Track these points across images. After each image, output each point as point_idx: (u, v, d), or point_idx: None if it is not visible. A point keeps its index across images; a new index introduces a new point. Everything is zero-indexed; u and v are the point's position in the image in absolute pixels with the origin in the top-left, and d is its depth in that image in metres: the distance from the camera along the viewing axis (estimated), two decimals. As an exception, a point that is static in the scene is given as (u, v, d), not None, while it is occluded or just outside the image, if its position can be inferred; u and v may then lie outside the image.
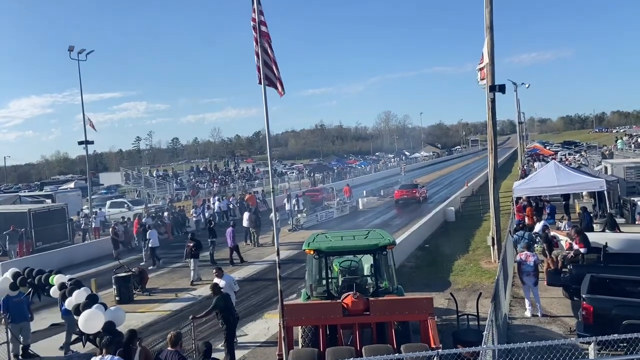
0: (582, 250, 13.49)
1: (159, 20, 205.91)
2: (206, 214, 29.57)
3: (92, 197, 35.20)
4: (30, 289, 10.80)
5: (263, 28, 8.09)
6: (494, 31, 17.23)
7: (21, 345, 11.14)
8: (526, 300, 12.30)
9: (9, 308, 10.99)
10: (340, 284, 10.55)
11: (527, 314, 12.12)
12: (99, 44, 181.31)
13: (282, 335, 8.29)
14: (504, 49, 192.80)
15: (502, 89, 17.59)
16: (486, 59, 17.37)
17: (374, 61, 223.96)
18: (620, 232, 15.73)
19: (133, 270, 16.95)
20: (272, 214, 24.65)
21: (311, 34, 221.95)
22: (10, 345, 10.74)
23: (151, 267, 20.43)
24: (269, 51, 8.23)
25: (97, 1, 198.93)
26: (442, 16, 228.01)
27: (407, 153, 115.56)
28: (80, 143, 31.58)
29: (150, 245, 20.96)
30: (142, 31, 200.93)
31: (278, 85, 8.39)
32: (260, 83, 8.30)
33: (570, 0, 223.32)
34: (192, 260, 17.84)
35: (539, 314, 12.00)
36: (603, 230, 15.95)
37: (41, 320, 14.26)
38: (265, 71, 8.16)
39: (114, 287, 16.04)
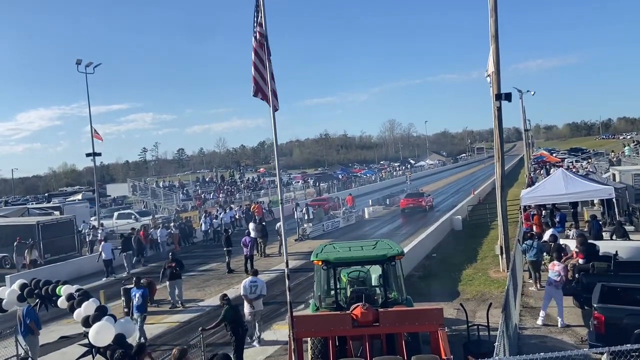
0: (580, 261, 13.38)
1: (166, 32, 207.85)
2: (214, 224, 29.60)
3: (99, 208, 35.33)
4: (37, 300, 10.81)
5: (263, 41, 8.15)
6: (499, 39, 17.31)
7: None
8: (542, 310, 12.11)
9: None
10: (348, 294, 10.50)
11: (539, 322, 12.00)
12: (107, 55, 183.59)
13: (292, 347, 8.25)
14: (509, 56, 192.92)
15: (508, 97, 17.58)
16: (492, 68, 17.41)
17: (378, 70, 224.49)
18: (630, 240, 15.61)
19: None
20: (278, 224, 24.92)
21: (315, 44, 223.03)
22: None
23: (104, 278, 21.17)
24: (267, 63, 8.26)
25: (105, 14, 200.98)
26: (447, 24, 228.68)
27: (412, 161, 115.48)
28: (88, 155, 31.70)
29: (103, 257, 21.70)
30: (149, 43, 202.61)
31: (273, 98, 8.43)
32: (254, 95, 8.36)
33: (576, 7, 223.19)
34: (173, 282, 16.39)
35: (559, 325, 11.79)
36: (611, 238, 15.83)
37: (50, 332, 14.29)
38: (261, 84, 8.21)
39: (123, 298, 16.03)
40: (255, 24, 8.14)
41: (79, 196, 55.32)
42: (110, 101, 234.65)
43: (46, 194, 76.42)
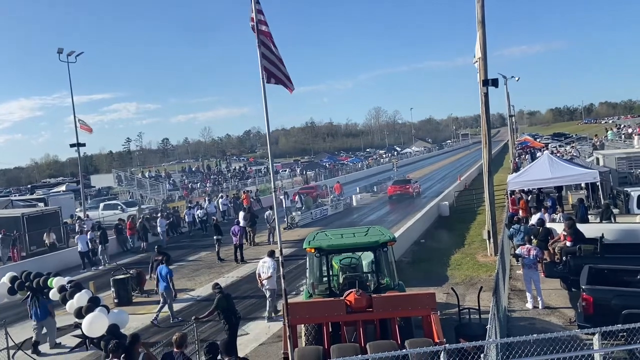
0: (568, 243, 13.60)
1: (149, 20, 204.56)
2: (199, 213, 29.43)
3: (85, 199, 34.96)
4: (29, 293, 10.73)
5: (264, 27, 8.06)
6: (486, 26, 17.35)
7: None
8: (527, 293, 12.40)
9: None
10: (341, 281, 10.57)
11: (529, 305, 12.23)
12: (89, 45, 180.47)
13: (287, 333, 8.29)
14: (495, 42, 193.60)
15: (495, 82, 17.72)
16: (478, 54, 17.47)
17: (364, 57, 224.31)
18: (616, 222, 15.89)
19: (131, 272, 16.89)
20: (267, 213, 24.82)
21: (301, 32, 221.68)
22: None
23: (84, 270, 21.30)
24: (274, 49, 8.20)
25: (86, 3, 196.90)
26: (434, 10, 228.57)
27: (398, 149, 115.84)
28: (72, 146, 31.32)
29: (79, 249, 21.81)
30: (132, 31, 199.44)
31: (286, 82, 8.40)
32: (268, 82, 8.26)
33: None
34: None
35: (540, 306, 12.10)
36: (601, 221, 16.07)
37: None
38: (273, 70, 8.14)
39: (112, 289, 15.97)
40: (253, 13, 8.01)
41: (63, 187, 54.46)
42: (93, 91, 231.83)
43: (29, 186, 75.25)
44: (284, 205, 30.58)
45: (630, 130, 40.58)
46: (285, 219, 27.97)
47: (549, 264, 13.39)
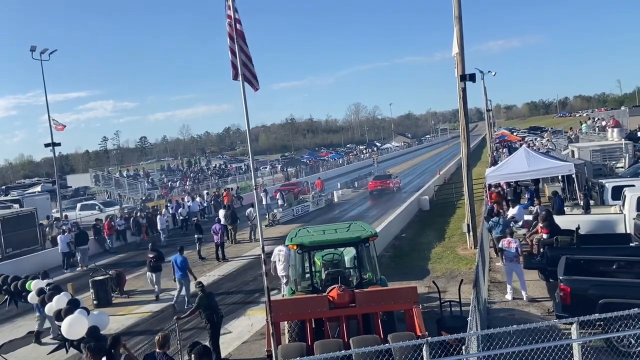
0: (544, 235, 13.83)
1: (125, 16, 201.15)
2: (182, 212, 29.22)
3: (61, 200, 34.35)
4: (6, 297, 10.51)
5: (238, 26, 8.05)
6: (463, 21, 17.52)
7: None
8: (508, 285, 12.49)
9: None
10: (324, 277, 10.60)
11: (508, 297, 12.36)
12: (63, 42, 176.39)
13: (271, 331, 8.28)
14: (473, 37, 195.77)
15: (472, 77, 17.91)
16: (456, 49, 17.64)
17: (345, 53, 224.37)
18: (591, 213, 16.22)
19: (110, 272, 16.67)
20: (248, 210, 24.71)
21: (281, 27, 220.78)
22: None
23: (66, 270, 21.24)
24: (244, 48, 8.22)
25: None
26: (413, 5, 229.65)
27: (378, 144, 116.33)
28: (47, 145, 30.75)
29: (60, 250, 21.76)
30: (108, 28, 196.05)
31: (253, 80, 8.42)
32: (234, 79, 8.29)
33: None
34: (153, 274, 15.93)
35: (525, 299, 12.15)
36: (586, 211, 16.33)
37: (17, 327, 13.94)
38: (242, 69, 8.15)
39: (92, 290, 15.75)
40: (226, 8, 8.01)
41: (38, 188, 53.37)
42: (68, 89, 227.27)
43: (3, 187, 73.65)
44: (264, 203, 30.53)
45: (604, 123, 41.37)
46: (267, 216, 27.91)
47: (527, 256, 13.60)
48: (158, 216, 26.68)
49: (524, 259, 13.53)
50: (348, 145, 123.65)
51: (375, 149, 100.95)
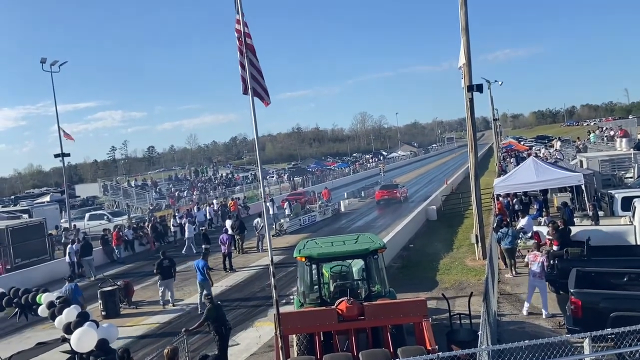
0: (554, 247, 13.69)
1: (134, 28, 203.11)
2: (184, 222, 29.25)
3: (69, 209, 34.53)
4: (17, 310, 10.54)
5: (247, 40, 8.10)
6: (470, 31, 17.57)
7: None
8: (526, 302, 12.11)
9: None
10: (332, 289, 10.56)
11: (524, 312, 12.01)
12: (73, 52, 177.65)
13: (280, 344, 8.25)
14: (479, 46, 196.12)
15: (479, 88, 17.92)
16: (463, 60, 17.65)
17: (350, 63, 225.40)
18: (600, 224, 16.09)
19: (118, 283, 16.70)
20: (256, 220, 24.71)
21: (288, 38, 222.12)
22: None
23: (77, 279, 20.81)
24: (255, 62, 8.26)
25: (71, 10, 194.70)
26: (419, 16, 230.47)
27: (384, 153, 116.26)
28: (56, 156, 30.95)
29: (67, 260, 21.96)
30: (118, 39, 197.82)
31: (263, 95, 8.45)
32: (244, 93, 8.32)
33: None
34: (164, 281, 16.03)
35: (544, 316, 11.75)
36: (595, 222, 16.14)
37: (25, 339, 14.00)
38: (252, 83, 8.18)
39: (100, 301, 15.78)
40: (237, 23, 8.06)
41: (47, 198, 53.75)
42: (78, 99, 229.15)
43: (12, 197, 74.22)
44: (271, 212, 30.54)
45: (612, 133, 41.17)
46: (274, 226, 27.90)
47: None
48: (187, 225, 25.82)
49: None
50: (354, 155, 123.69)
51: (381, 158, 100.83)
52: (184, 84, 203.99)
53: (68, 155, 31.63)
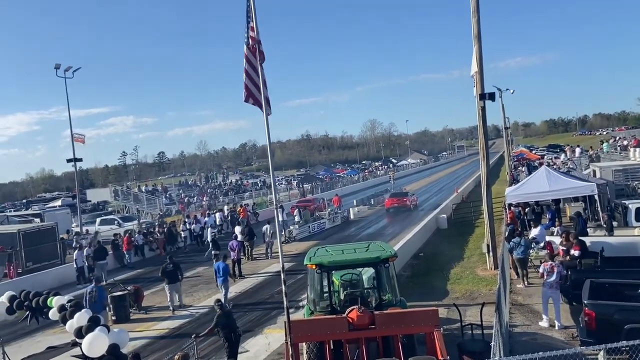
0: (575, 252, 13.54)
1: (146, 35, 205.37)
2: (195, 228, 29.37)
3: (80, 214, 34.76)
4: (28, 312, 10.61)
5: (259, 47, 8.13)
6: (482, 39, 17.53)
7: None
8: (544, 315, 11.93)
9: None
10: (342, 297, 10.51)
11: (544, 324, 11.81)
12: (87, 58, 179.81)
13: (290, 352, 8.22)
14: (491, 54, 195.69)
15: (491, 96, 17.79)
16: (475, 68, 17.60)
17: (360, 70, 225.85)
18: (614, 235, 15.91)
19: (128, 288, 16.76)
20: (265, 227, 24.73)
21: (298, 44, 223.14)
22: None
23: (79, 285, 21.19)
24: (260, 70, 8.27)
25: (85, 17, 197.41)
26: (430, 23, 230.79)
27: (394, 161, 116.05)
28: (69, 161, 31.19)
29: (75, 265, 22.16)
30: (131, 45, 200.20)
31: (264, 105, 8.44)
32: (246, 101, 8.37)
33: (554, 6, 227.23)
34: (171, 285, 16.23)
35: (556, 327, 11.59)
36: (610, 232, 15.94)
37: (36, 343, 14.09)
38: (254, 91, 8.20)
39: (110, 306, 15.82)
40: (247, 30, 8.10)
41: (59, 202, 54.27)
42: (90, 104, 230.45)
43: (24, 201, 74.94)
44: (281, 219, 30.50)
45: (625, 143, 40.76)
46: (283, 233, 27.87)
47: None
48: (209, 228, 26.58)
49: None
50: (364, 162, 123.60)
51: (391, 165, 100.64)
52: (195, 90, 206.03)
53: (80, 160, 31.89)
